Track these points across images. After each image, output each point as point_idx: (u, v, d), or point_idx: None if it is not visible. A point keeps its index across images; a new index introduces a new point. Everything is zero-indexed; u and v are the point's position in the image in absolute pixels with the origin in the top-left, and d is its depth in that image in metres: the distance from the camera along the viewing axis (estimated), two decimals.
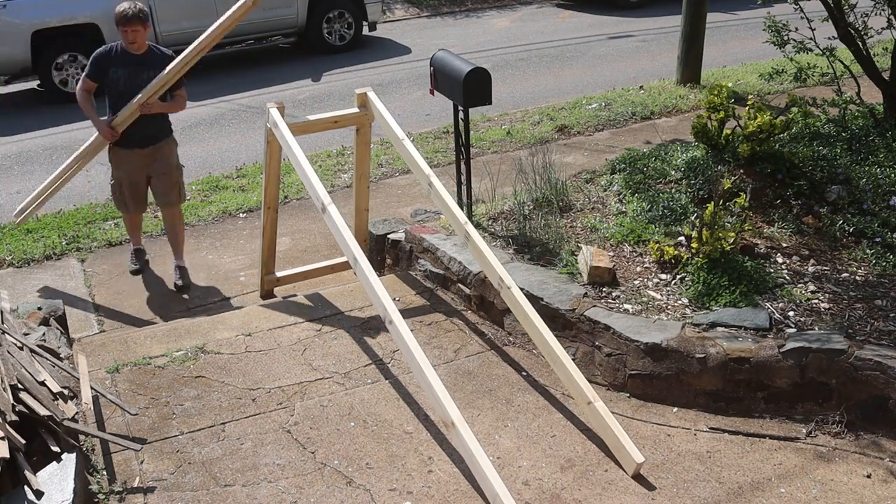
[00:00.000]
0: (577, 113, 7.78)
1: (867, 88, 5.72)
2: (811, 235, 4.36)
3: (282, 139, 4.24)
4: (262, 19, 10.61)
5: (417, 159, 4.24)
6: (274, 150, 4.49)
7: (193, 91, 9.69)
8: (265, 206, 4.71)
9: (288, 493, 3.11)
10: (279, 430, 3.48)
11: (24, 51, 9.26)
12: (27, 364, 3.28)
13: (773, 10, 6.32)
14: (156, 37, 9.94)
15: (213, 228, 5.98)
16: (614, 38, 11.32)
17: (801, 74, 5.68)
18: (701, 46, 8.26)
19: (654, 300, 3.92)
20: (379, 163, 6.93)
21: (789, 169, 4.73)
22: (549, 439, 3.38)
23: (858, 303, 3.76)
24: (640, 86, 8.62)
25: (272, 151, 4.51)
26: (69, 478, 2.87)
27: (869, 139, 5.15)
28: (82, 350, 4.08)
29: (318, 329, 4.27)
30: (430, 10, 14.24)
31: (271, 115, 4.32)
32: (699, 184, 4.80)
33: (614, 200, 4.97)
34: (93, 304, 4.96)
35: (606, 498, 3.06)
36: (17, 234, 5.92)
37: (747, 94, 7.42)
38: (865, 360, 3.32)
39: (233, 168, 7.16)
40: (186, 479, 3.20)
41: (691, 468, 3.20)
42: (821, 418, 3.42)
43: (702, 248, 4.01)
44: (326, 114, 4.68)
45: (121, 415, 3.56)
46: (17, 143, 8.24)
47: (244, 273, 5.27)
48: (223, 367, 3.96)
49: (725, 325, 3.64)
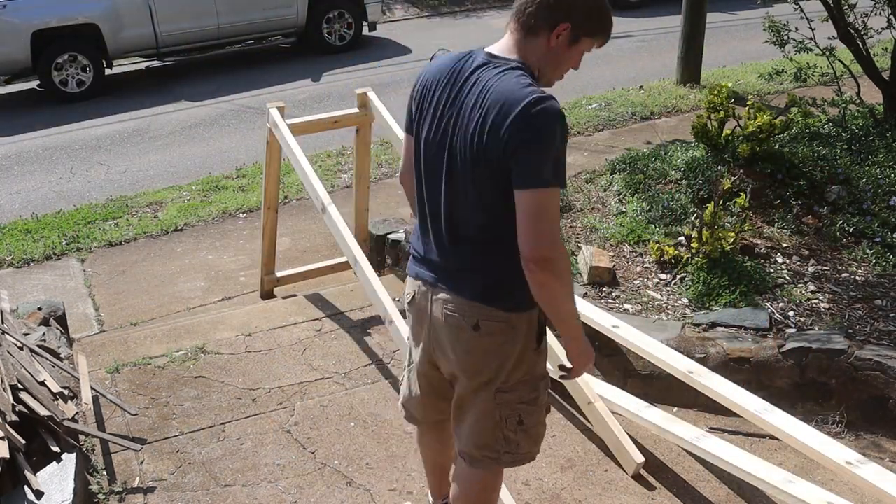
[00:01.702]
0: (576, 113, 7.78)
1: (867, 88, 5.72)
2: (811, 235, 4.36)
3: (282, 139, 4.24)
4: (262, 19, 10.61)
5: None
6: (274, 150, 4.49)
7: (193, 91, 9.73)
8: (265, 207, 4.71)
9: (288, 493, 3.11)
10: (279, 430, 3.48)
11: (24, 51, 9.25)
12: (27, 364, 3.28)
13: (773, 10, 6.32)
14: (156, 37, 9.96)
15: (213, 228, 5.98)
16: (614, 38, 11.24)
17: (801, 74, 5.68)
18: (701, 46, 8.25)
19: (654, 300, 3.92)
20: (379, 163, 6.93)
21: (789, 169, 4.73)
22: (549, 439, 3.38)
23: (858, 303, 3.76)
24: (640, 86, 8.62)
25: (272, 152, 4.51)
26: (69, 478, 2.87)
27: (869, 139, 5.15)
28: (82, 350, 4.08)
29: (318, 329, 4.27)
30: (430, 10, 14.23)
31: (271, 115, 4.33)
32: (699, 184, 4.80)
33: (614, 200, 4.97)
34: (93, 304, 4.96)
35: (606, 498, 3.06)
36: (16, 234, 5.92)
37: (747, 94, 7.42)
38: (865, 360, 3.33)
39: (233, 168, 7.16)
40: (186, 479, 3.20)
41: (691, 468, 3.20)
42: (821, 418, 3.42)
43: (702, 248, 4.01)
44: (326, 114, 4.67)
45: (121, 415, 3.56)
46: (16, 143, 8.24)
47: (244, 273, 5.27)
48: (223, 367, 3.96)
49: (725, 325, 3.64)
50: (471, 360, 2.26)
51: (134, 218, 6.19)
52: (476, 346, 2.23)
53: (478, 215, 2.14)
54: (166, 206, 6.39)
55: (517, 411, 2.31)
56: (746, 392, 3.05)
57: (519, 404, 2.31)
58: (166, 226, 5.98)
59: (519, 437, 2.35)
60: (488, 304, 2.19)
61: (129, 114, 8.99)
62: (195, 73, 10.62)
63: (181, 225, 6.01)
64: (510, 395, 2.29)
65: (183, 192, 6.68)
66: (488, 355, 2.24)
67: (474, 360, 2.26)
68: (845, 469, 2.64)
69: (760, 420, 2.90)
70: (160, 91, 9.86)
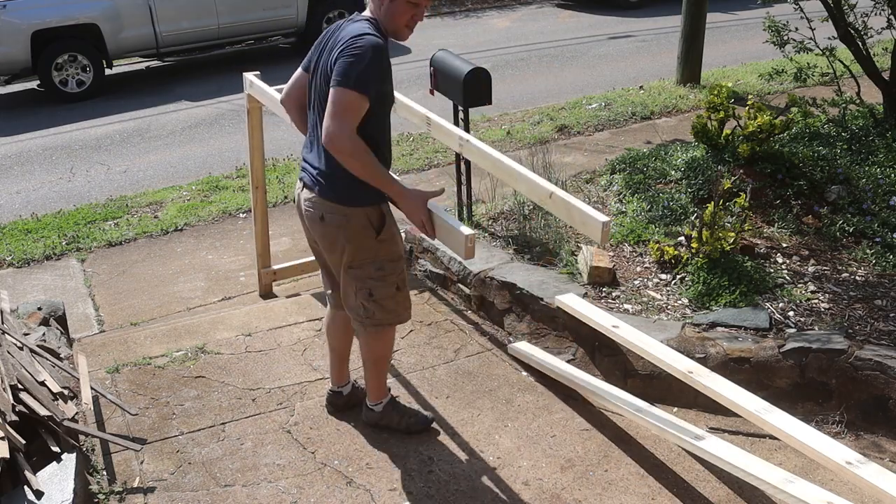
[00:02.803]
0: (576, 113, 7.78)
1: (867, 88, 5.72)
2: (811, 235, 4.36)
3: (261, 95, 4.21)
4: (262, 19, 10.61)
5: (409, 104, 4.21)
6: (255, 119, 4.45)
7: (193, 91, 9.73)
8: (253, 187, 4.65)
9: (288, 493, 3.11)
10: (279, 430, 3.48)
11: (24, 51, 9.25)
12: (27, 364, 3.28)
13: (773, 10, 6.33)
14: (156, 37, 9.96)
15: (213, 228, 5.98)
16: (614, 38, 11.32)
17: (801, 74, 5.68)
18: (701, 46, 8.26)
19: (654, 300, 3.92)
20: None
21: (789, 169, 4.73)
22: (549, 439, 3.38)
23: (858, 303, 3.76)
24: (640, 86, 8.62)
25: (253, 121, 4.47)
26: (69, 478, 2.87)
27: (869, 139, 5.15)
28: (82, 350, 4.08)
29: (318, 329, 4.26)
30: (430, 10, 14.23)
31: (247, 79, 4.30)
32: (699, 184, 4.80)
33: (614, 200, 4.97)
34: (93, 304, 4.96)
35: (606, 498, 3.06)
36: (16, 234, 5.92)
37: (747, 94, 7.42)
38: (865, 360, 3.32)
39: (233, 168, 7.16)
40: (186, 479, 3.21)
41: (691, 468, 3.20)
42: (821, 418, 3.42)
43: (702, 248, 4.02)
44: None
45: (121, 415, 3.56)
46: (16, 143, 8.25)
47: (244, 273, 5.27)
48: (223, 367, 3.96)
49: (725, 325, 3.64)
50: (323, 242, 3.05)
51: (134, 218, 6.19)
52: (325, 233, 3.01)
53: None
54: (166, 206, 6.39)
55: (367, 285, 3.03)
56: (746, 392, 3.05)
57: (367, 279, 3.03)
58: (166, 226, 5.99)
59: (373, 307, 3.07)
60: (329, 199, 2.94)
61: (129, 114, 8.99)
62: (195, 73, 10.62)
63: (181, 225, 6.01)
64: (359, 272, 3.02)
65: (183, 192, 6.68)
66: (333, 239, 3.00)
67: (325, 243, 3.05)
68: (845, 469, 2.64)
69: (760, 420, 2.90)
70: (160, 91, 9.87)
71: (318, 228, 3.02)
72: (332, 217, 2.96)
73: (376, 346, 3.24)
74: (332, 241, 3.01)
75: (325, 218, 2.97)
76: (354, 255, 3.00)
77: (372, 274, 3.02)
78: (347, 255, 3.01)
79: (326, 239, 3.03)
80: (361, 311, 3.09)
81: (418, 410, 3.48)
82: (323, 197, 2.95)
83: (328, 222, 2.97)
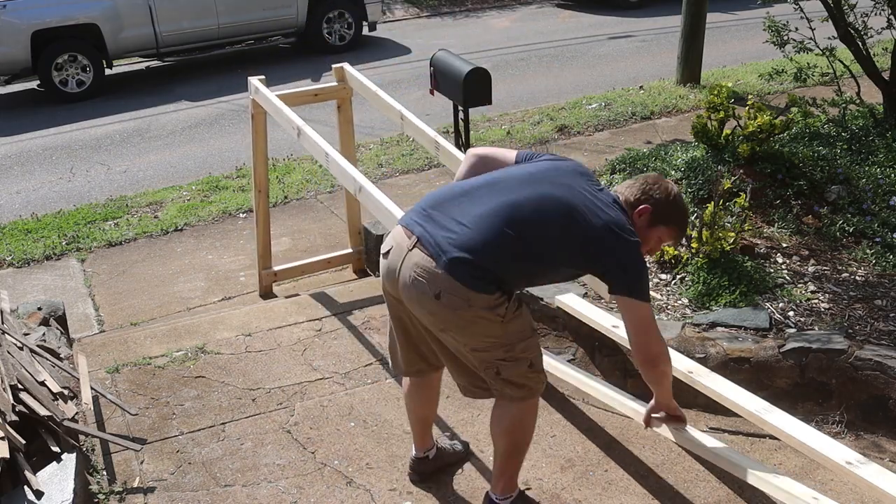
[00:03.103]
0: (577, 113, 7.78)
1: (867, 88, 5.72)
2: (811, 235, 4.36)
3: (266, 102, 4.23)
4: (262, 19, 10.61)
5: (390, 102, 4.30)
6: (259, 124, 4.46)
7: (193, 91, 9.73)
8: (255, 190, 4.66)
9: (288, 493, 3.11)
10: (279, 430, 3.48)
11: (24, 51, 9.26)
12: (27, 364, 3.28)
13: (773, 10, 6.32)
14: (156, 37, 9.96)
15: (213, 228, 5.99)
16: (614, 38, 11.32)
17: (801, 74, 5.68)
18: (701, 46, 8.26)
19: (653, 300, 3.92)
20: (379, 163, 6.93)
21: (789, 169, 4.73)
22: (549, 439, 3.38)
23: (858, 303, 3.76)
24: (640, 86, 8.62)
25: (257, 126, 4.48)
26: (69, 478, 2.87)
27: (869, 139, 5.15)
28: (82, 350, 4.08)
29: (319, 329, 4.27)
30: (430, 10, 14.24)
31: (252, 84, 4.32)
32: (699, 184, 4.80)
33: None
34: (93, 304, 4.96)
35: (606, 498, 3.06)
36: (16, 234, 5.92)
37: (747, 94, 7.42)
38: (865, 360, 3.32)
39: (233, 168, 7.16)
40: (186, 479, 3.21)
41: (691, 468, 3.20)
42: (821, 418, 3.42)
43: (702, 248, 4.01)
44: (306, 87, 4.71)
45: (121, 415, 3.56)
46: (16, 143, 8.25)
47: (244, 273, 5.27)
48: (223, 367, 3.96)
49: (725, 325, 3.64)
50: (431, 319, 2.60)
51: (134, 218, 6.20)
52: (435, 311, 2.54)
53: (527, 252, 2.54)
54: (166, 206, 6.39)
55: (494, 365, 2.63)
56: (746, 392, 3.05)
57: (495, 361, 2.62)
58: (166, 226, 5.99)
59: (499, 385, 2.68)
60: (455, 277, 2.47)
61: (129, 114, 8.99)
62: (195, 73, 10.62)
63: (181, 225, 6.01)
64: (484, 354, 2.62)
65: (183, 192, 6.68)
66: (447, 320, 2.56)
67: (433, 320, 2.59)
68: (845, 469, 2.64)
69: (760, 420, 2.90)
70: (160, 91, 9.87)
71: (428, 305, 2.52)
72: (450, 298, 2.48)
73: (516, 416, 2.77)
74: (446, 321, 2.55)
75: (441, 297, 2.48)
76: (478, 341, 2.59)
77: (500, 356, 2.61)
78: (468, 338, 2.59)
79: (437, 318, 2.56)
80: (482, 382, 2.75)
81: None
82: (450, 274, 2.46)
83: (444, 302, 2.49)
